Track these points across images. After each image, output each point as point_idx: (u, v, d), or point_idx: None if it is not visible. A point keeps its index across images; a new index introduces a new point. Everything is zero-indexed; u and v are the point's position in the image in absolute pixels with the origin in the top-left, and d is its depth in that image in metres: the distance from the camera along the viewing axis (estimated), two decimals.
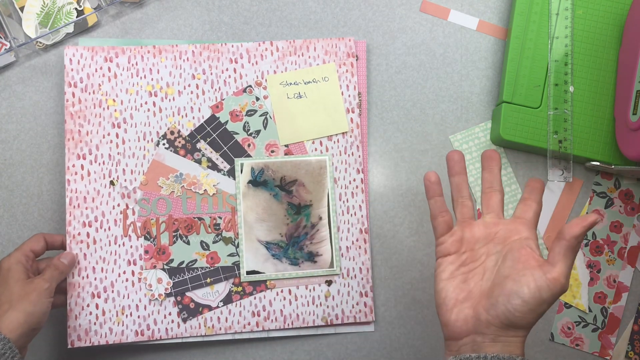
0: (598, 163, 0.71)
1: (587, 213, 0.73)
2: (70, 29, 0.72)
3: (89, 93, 0.70)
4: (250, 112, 0.72)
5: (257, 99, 0.72)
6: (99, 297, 0.67)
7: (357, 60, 0.73)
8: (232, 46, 0.72)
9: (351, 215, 0.71)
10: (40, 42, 0.72)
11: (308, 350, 0.70)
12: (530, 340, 0.72)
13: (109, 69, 0.70)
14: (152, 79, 0.71)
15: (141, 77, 0.71)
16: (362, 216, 0.71)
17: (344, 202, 0.71)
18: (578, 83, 0.72)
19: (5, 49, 0.71)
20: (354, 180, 0.72)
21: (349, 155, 0.72)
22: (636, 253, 0.73)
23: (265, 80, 0.72)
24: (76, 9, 0.72)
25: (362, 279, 0.70)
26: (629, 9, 0.72)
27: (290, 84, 0.72)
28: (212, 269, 0.69)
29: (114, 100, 0.70)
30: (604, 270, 0.73)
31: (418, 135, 0.74)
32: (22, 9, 0.71)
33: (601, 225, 0.74)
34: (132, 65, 0.71)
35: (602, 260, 0.73)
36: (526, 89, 0.71)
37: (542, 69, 0.72)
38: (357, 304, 0.70)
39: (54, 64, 0.73)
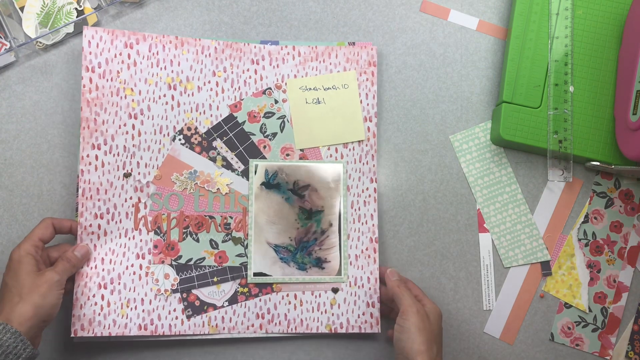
0: (598, 163, 0.71)
1: (587, 213, 0.73)
2: (70, 29, 0.72)
3: (107, 80, 0.68)
4: (268, 114, 0.71)
5: (276, 101, 0.72)
6: (105, 288, 0.66)
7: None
8: (255, 47, 0.72)
9: (362, 223, 0.71)
10: (40, 42, 0.72)
11: (308, 351, 0.70)
12: (530, 340, 0.72)
13: (129, 56, 0.69)
14: (172, 71, 0.70)
15: (161, 68, 0.70)
16: (372, 225, 0.71)
17: (355, 210, 0.71)
18: (578, 83, 0.72)
19: (5, 49, 0.71)
20: (367, 189, 0.71)
21: (363, 163, 0.71)
22: (636, 253, 0.73)
23: (285, 83, 0.72)
24: (76, 9, 0.72)
25: (369, 288, 0.70)
26: (629, 9, 0.72)
27: (310, 89, 0.72)
28: (219, 268, 0.69)
29: (132, 90, 0.69)
30: (604, 270, 0.73)
31: (418, 135, 0.74)
32: (22, 9, 0.71)
33: (601, 225, 0.74)
34: (153, 54, 0.70)
35: (602, 260, 0.73)
36: (526, 89, 0.71)
37: (542, 69, 0.72)
38: (363, 314, 0.69)
39: (54, 63, 0.73)
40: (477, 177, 0.74)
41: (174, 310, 0.67)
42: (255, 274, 0.69)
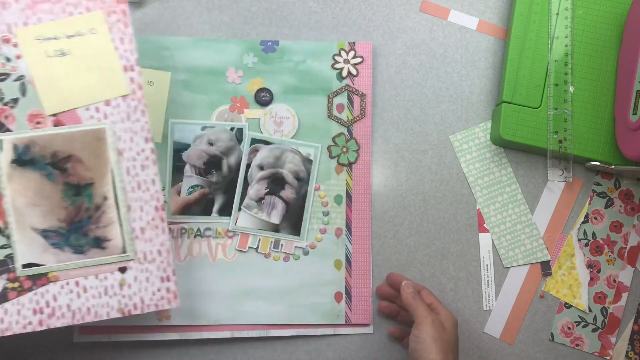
0: (598, 163, 0.71)
1: (587, 213, 0.73)
2: None
3: None
4: (2, 77, 0.60)
5: (8, 59, 0.60)
6: None
7: (362, 61, 0.73)
8: None
9: (143, 191, 0.61)
10: None
11: (308, 351, 0.70)
12: (530, 340, 0.72)
13: None
14: None
15: None
16: (156, 191, 0.61)
17: (133, 176, 0.61)
18: (578, 83, 0.72)
19: None
20: (143, 150, 0.61)
21: (133, 121, 0.61)
22: (636, 253, 0.73)
23: (16, 35, 0.60)
24: None
25: (162, 262, 0.61)
26: (629, 9, 0.72)
27: (49, 38, 0.60)
28: None
29: None
30: (604, 270, 0.73)
31: (418, 135, 0.74)
32: None
33: (601, 225, 0.74)
34: None
35: (602, 260, 0.73)
36: (526, 89, 0.71)
37: (542, 69, 0.72)
38: (159, 290, 0.61)
39: None
40: (477, 177, 0.74)
41: None
42: (24, 266, 0.59)
